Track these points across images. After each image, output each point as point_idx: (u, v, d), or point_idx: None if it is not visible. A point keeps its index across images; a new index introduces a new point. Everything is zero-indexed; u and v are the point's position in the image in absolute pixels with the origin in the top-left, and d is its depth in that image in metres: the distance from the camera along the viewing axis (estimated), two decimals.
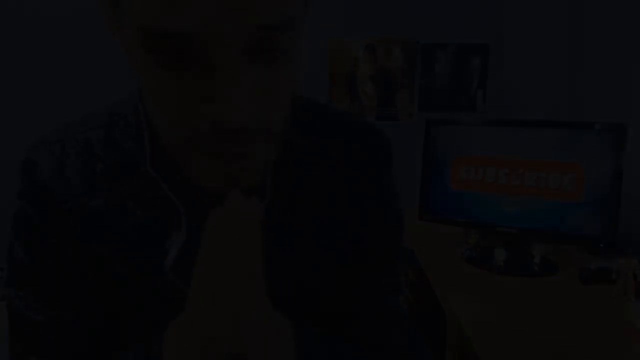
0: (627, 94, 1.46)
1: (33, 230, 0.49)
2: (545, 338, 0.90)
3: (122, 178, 0.48)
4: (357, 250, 0.55)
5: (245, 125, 0.34)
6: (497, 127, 1.30)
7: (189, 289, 0.46)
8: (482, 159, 1.30)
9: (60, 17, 2.12)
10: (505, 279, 1.18)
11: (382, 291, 0.57)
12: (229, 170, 0.38)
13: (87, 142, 0.49)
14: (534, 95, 2.00)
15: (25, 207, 0.49)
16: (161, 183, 0.48)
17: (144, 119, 0.48)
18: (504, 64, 2.20)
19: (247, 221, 0.37)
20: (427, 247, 1.42)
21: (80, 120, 0.52)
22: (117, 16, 0.36)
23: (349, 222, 0.54)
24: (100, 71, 2.07)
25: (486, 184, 1.29)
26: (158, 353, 0.40)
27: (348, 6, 2.21)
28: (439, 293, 1.15)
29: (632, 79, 1.44)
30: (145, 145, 0.48)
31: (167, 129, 0.38)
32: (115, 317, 0.52)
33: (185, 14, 0.31)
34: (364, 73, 2.33)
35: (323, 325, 0.54)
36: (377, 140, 0.56)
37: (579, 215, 1.18)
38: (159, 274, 0.48)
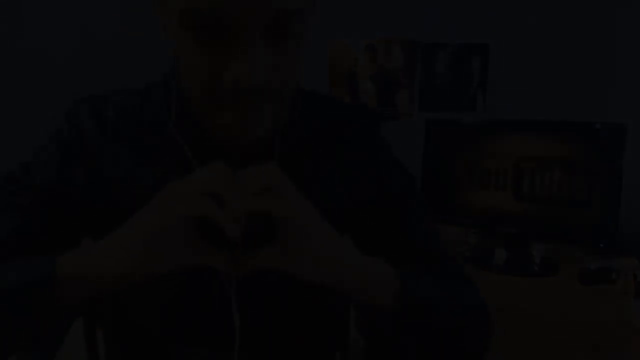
0: (627, 94, 1.46)
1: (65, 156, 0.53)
2: (545, 338, 0.90)
3: (149, 136, 0.54)
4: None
5: (260, 86, 0.43)
6: (497, 127, 1.30)
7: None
8: (482, 158, 1.30)
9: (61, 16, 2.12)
10: (505, 279, 1.18)
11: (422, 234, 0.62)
12: (244, 121, 0.46)
13: (124, 103, 0.56)
14: (534, 95, 2.00)
15: (57, 140, 0.54)
16: (185, 147, 0.53)
17: (175, 89, 0.55)
18: (504, 64, 2.20)
19: None
20: None
21: (120, 89, 0.58)
22: (162, 2, 0.45)
23: (353, 200, 0.58)
24: (104, 71, 2.07)
25: (486, 184, 1.29)
26: None
27: (348, 6, 2.21)
28: None
29: (632, 79, 1.44)
30: (172, 109, 0.54)
31: (196, 89, 0.46)
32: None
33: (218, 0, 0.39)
34: (364, 73, 2.33)
35: None
36: (361, 118, 0.62)
37: (580, 215, 1.18)
38: None
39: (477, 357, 0.57)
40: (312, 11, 0.47)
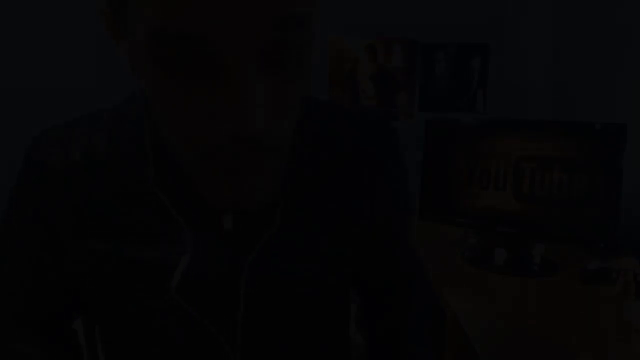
0: (627, 94, 1.46)
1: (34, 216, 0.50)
2: (545, 338, 0.90)
3: (126, 191, 0.48)
4: (369, 237, 0.59)
5: (261, 134, 0.33)
6: (497, 127, 1.30)
7: (193, 308, 0.46)
8: (482, 158, 1.30)
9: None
10: (505, 279, 1.18)
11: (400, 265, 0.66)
12: (242, 186, 0.37)
13: (90, 145, 0.49)
14: (534, 95, 2.00)
15: (28, 204, 0.50)
16: (167, 202, 0.47)
17: (148, 131, 0.47)
18: (504, 64, 2.20)
19: None
20: (427, 247, 1.42)
21: (83, 120, 0.51)
22: (123, 25, 0.35)
23: (357, 217, 0.56)
24: (100, 71, 2.07)
25: (486, 183, 1.29)
26: None
27: (348, 6, 2.21)
28: (439, 293, 1.15)
29: (632, 79, 1.44)
30: (150, 161, 0.47)
31: (178, 144, 0.37)
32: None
33: (198, 14, 0.29)
34: (364, 73, 2.33)
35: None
36: (379, 132, 0.57)
37: (580, 215, 1.18)
38: (160, 289, 0.48)
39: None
40: (317, 15, 0.36)
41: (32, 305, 0.53)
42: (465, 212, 1.33)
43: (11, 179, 0.54)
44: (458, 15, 2.21)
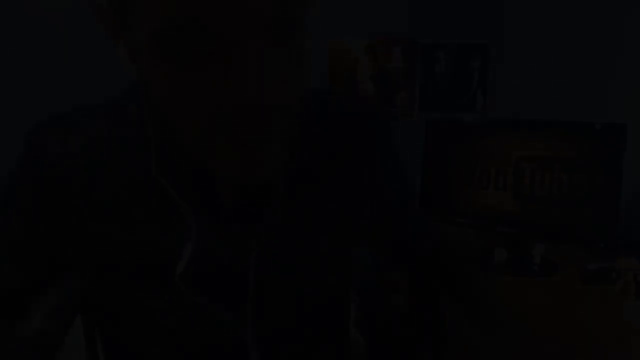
0: (627, 94, 1.46)
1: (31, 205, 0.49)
2: (545, 338, 0.90)
3: (128, 178, 0.47)
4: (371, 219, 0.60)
5: (265, 101, 0.34)
6: (497, 127, 1.30)
7: (197, 295, 0.46)
8: (482, 158, 1.30)
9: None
10: (505, 279, 1.18)
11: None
12: (249, 157, 0.38)
13: (91, 132, 0.48)
14: (534, 95, 2.00)
15: (26, 186, 0.49)
16: (169, 189, 0.47)
17: (150, 118, 0.47)
18: (504, 64, 2.20)
19: None
20: None
21: (86, 108, 0.51)
22: (122, 22, 0.36)
23: (357, 213, 0.56)
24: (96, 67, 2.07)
25: (486, 183, 1.29)
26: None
27: (348, 6, 2.21)
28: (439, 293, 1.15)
29: (632, 78, 1.44)
30: (152, 148, 0.47)
31: (184, 123, 0.38)
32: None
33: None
34: (364, 73, 2.33)
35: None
36: (370, 123, 0.58)
37: (580, 215, 1.18)
38: (164, 278, 0.48)
39: None
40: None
41: None
42: (465, 212, 1.33)
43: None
44: (458, 15, 2.21)
